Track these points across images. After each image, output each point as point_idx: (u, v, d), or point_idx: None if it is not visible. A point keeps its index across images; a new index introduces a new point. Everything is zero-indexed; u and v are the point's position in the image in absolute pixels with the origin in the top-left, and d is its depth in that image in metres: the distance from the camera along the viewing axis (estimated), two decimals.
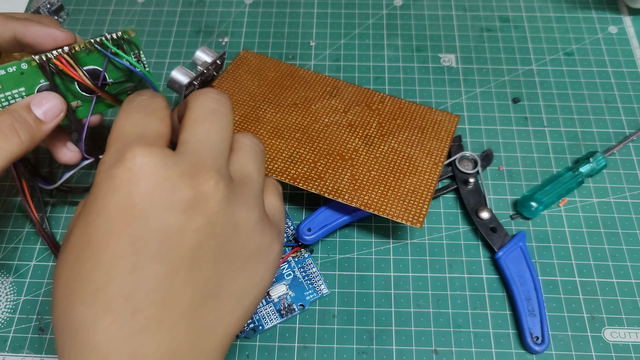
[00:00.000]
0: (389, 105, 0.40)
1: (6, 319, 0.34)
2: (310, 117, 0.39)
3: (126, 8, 0.50)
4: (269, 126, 0.38)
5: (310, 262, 0.35)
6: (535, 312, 0.32)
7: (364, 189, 0.34)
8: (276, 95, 0.40)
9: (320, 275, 0.35)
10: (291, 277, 0.35)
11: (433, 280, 0.35)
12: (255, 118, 0.38)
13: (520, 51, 0.46)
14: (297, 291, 0.34)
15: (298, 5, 0.50)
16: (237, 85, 0.41)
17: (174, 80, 0.37)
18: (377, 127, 0.38)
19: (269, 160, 0.36)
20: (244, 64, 0.43)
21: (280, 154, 0.36)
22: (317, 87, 0.41)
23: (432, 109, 0.40)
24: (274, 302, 0.34)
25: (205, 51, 0.39)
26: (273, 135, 0.37)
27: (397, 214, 0.33)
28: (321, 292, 0.34)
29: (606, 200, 0.38)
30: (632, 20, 0.48)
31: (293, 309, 0.33)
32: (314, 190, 0.34)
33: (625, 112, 0.42)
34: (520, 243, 0.35)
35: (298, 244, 0.35)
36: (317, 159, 0.36)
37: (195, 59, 0.38)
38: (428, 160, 0.37)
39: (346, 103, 0.40)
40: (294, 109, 0.39)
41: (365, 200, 0.34)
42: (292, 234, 0.36)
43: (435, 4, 0.50)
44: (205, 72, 0.38)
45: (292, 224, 0.37)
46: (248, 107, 0.39)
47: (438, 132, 0.39)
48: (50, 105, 0.29)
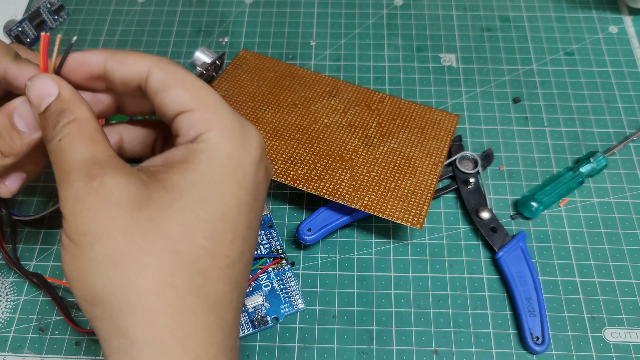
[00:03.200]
0: (389, 105, 0.40)
1: (6, 319, 0.34)
2: (310, 117, 0.39)
3: (126, 8, 0.49)
4: (268, 127, 0.38)
5: (290, 275, 0.35)
6: (536, 312, 0.32)
7: (364, 190, 0.34)
8: (276, 96, 0.40)
9: (298, 290, 0.34)
10: (269, 288, 0.34)
11: (433, 281, 0.35)
12: (254, 119, 0.38)
13: (521, 51, 0.46)
14: (273, 303, 0.34)
15: (298, 5, 0.50)
16: (237, 85, 0.41)
17: (197, 59, 0.37)
18: (376, 127, 0.38)
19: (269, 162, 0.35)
20: (243, 64, 0.43)
21: (280, 155, 0.36)
22: (317, 87, 0.41)
23: (432, 109, 0.40)
24: (248, 312, 0.33)
25: (205, 52, 0.39)
26: (273, 137, 0.37)
27: (397, 215, 0.33)
28: (297, 307, 0.33)
29: (606, 200, 0.38)
30: (632, 20, 0.48)
31: (266, 321, 0.33)
32: (314, 192, 0.34)
33: (626, 112, 0.42)
34: (520, 243, 0.35)
35: (280, 255, 0.35)
36: (317, 160, 0.36)
37: (195, 59, 0.38)
38: (428, 161, 0.36)
39: (346, 103, 0.40)
40: (294, 109, 0.39)
41: (365, 201, 0.34)
42: (276, 246, 0.36)
43: (436, 4, 0.50)
44: (204, 73, 0.38)
45: (277, 236, 0.36)
46: (247, 107, 0.39)
47: (438, 132, 0.39)
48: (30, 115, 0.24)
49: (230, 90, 0.40)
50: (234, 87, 0.41)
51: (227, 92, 0.40)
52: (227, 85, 0.41)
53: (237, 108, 0.39)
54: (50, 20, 0.47)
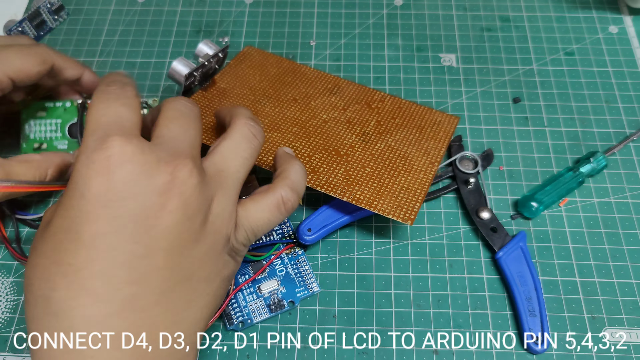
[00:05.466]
0: (389, 105, 0.40)
1: (6, 319, 0.34)
2: (309, 112, 0.39)
3: (126, 8, 0.49)
4: (266, 119, 0.38)
5: (304, 259, 0.35)
6: (536, 312, 0.32)
7: (357, 185, 0.34)
8: (276, 91, 0.40)
9: (312, 273, 0.35)
10: (283, 273, 0.35)
11: (433, 281, 0.35)
12: (254, 112, 0.38)
13: (521, 51, 0.46)
14: (288, 287, 0.34)
15: (298, 5, 0.50)
16: (239, 78, 0.41)
17: (175, 70, 0.37)
18: (375, 125, 0.38)
19: (264, 153, 0.36)
20: (247, 59, 0.43)
21: (276, 146, 0.36)
22: (318, 84, 0.41)
23: (433, 110, 0.40)
24: (264, 297, 0.34)
25: (208, 44, 0.39)
26: (270, 129, 0.37)
27: (388, 210, 0.33)
28: (312, 289, 0.34)
29: (607, 200, 0.38)
30: (632, 20, 0.48)
31: (283, 305, 0.33)
32: (307, 184, 0.34)
33: (626, 112, 0.42)
34: (520, 243, 0.35)
35: (293, 241, 0.35)
36: (312, 153, 0.36)
37: (198, 51, 0.39)
38: (424, 160, 0.36)
39: (346, 101, 0.40)
40: (293, 104, 0.39)
41: (357, 195, 0.34)
42: (288, 231, 0.36)
43: (436, 4, 0.50)
44: (206, 64, 0.38)
45: (289, 221, 0.37)
46: (247, 100, 0.39)
47: (437, 132, 0.39)
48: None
49: (232, 83, 0.41)
50: (236, 80, 0.41)
51: (229, 85, 0.40)
52: (229, 78, 0.41)
53: (238, 100, 0.39)
54: (50, 20, 0.47)
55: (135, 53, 0.46)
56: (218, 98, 0.39)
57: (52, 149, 0.37)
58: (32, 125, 0.37)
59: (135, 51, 0.46)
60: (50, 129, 0.37)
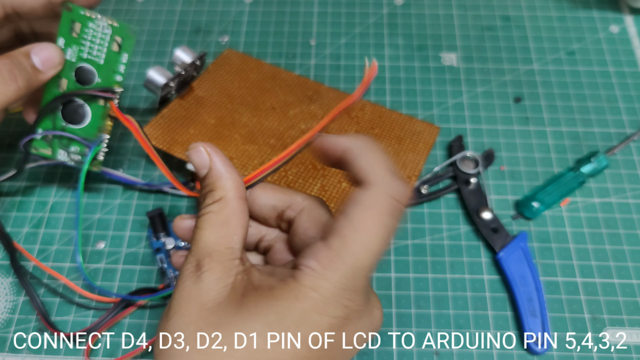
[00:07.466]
0: (369, 114, 0.40)
1: (6, 319, 0.33)
2: (287, 122, 0.38)
3: (126, 8, 0.49)
4: (244, 130, 0.37)
5: None
6: (537, 313, 0.32)
7: (334, 200, 0.34)
8: (255, 98, 0.40)
9: None
10: None
11: (434, 281, 0.35)
12: (231, 122, 0.38)
13: (522, 51, 0.46)
14: None
15: (298, 5, 0.49)
16: (217, 85, 0.40)
17: (150, 80, 0.37)
18: None
19: (239, 167, 0.35)
20: (226, 64, 0.42)
21: (252, 160, 0.36)
22: (298, 91, 0.41)
23: (413, 119, 0.40)
24: None
25: (185, 51, 0.38)
26: (247, 141, 0.37)
27: None
28: None
29: (607, 201, 0.38)
30: (633, 19, 0.48)
31: None
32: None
33: (627, 112, 0.42)
34: (521, 243, 0.35)
35: None
36: (289, 167, 0.35)
37: (175, 58, 0.38)
38: (402, 173, 0.36)
39: (325, 109, 0.40)
40: (272, 113, 0.39)
41: (334, 211, 0.33)
42: None
43: (436, 3, 0.50)
44: (183, 74, 0.38)
45: None
46: (225, 110, 0.39)
47: (416, 144, 0.38)
48: (49, 56, 0.30)
49: (210, 91, 0.40)
50: (214, 88, 0.40)
51: (207, 93, 0.40)
52: (207, 85, 0.40)
53: (215, 110, 0.39)
54: None
55: (135, 53, 0.46)
56: (195, 107, 0.39)
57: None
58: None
59: (135, 51, 0.46)
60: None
